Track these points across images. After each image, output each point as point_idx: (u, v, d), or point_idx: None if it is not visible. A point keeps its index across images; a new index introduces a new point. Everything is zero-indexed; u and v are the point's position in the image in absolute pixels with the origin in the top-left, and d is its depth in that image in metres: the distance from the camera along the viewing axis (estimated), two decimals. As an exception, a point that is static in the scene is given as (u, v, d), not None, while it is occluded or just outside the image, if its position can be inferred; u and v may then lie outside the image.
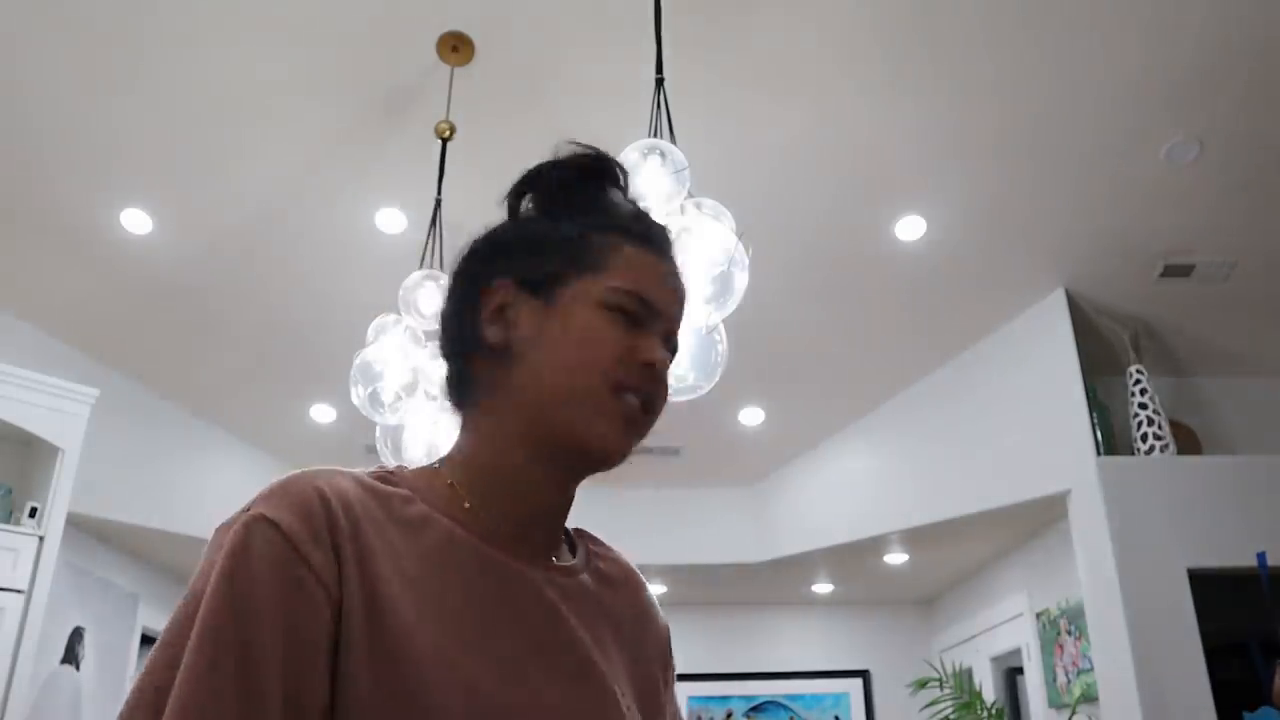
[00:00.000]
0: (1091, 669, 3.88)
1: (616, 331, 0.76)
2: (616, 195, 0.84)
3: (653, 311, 0.79)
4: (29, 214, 3.60)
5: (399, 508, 0.70)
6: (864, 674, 5.97)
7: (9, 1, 2.83)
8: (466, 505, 0.74)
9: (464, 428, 0.80)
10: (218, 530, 0.65)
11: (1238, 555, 3.58)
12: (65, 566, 3.85)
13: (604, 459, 0.76)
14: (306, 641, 0.61)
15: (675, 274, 0.83)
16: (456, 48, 3.00)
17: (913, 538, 4.77)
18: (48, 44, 2.96)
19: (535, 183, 0.84)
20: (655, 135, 2.06)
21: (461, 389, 0.81)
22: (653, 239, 0.83)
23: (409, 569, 0.67)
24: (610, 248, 0.79)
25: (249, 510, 0.64)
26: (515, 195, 0.85)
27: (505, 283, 0.79)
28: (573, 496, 0.80)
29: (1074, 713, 3.96)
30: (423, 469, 0.78)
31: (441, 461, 0.79)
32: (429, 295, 2.57)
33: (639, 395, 0.76)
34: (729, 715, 5.88)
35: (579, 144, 0.84)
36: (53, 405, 3.67)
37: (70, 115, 3.21)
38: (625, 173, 0.86)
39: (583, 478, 0.79)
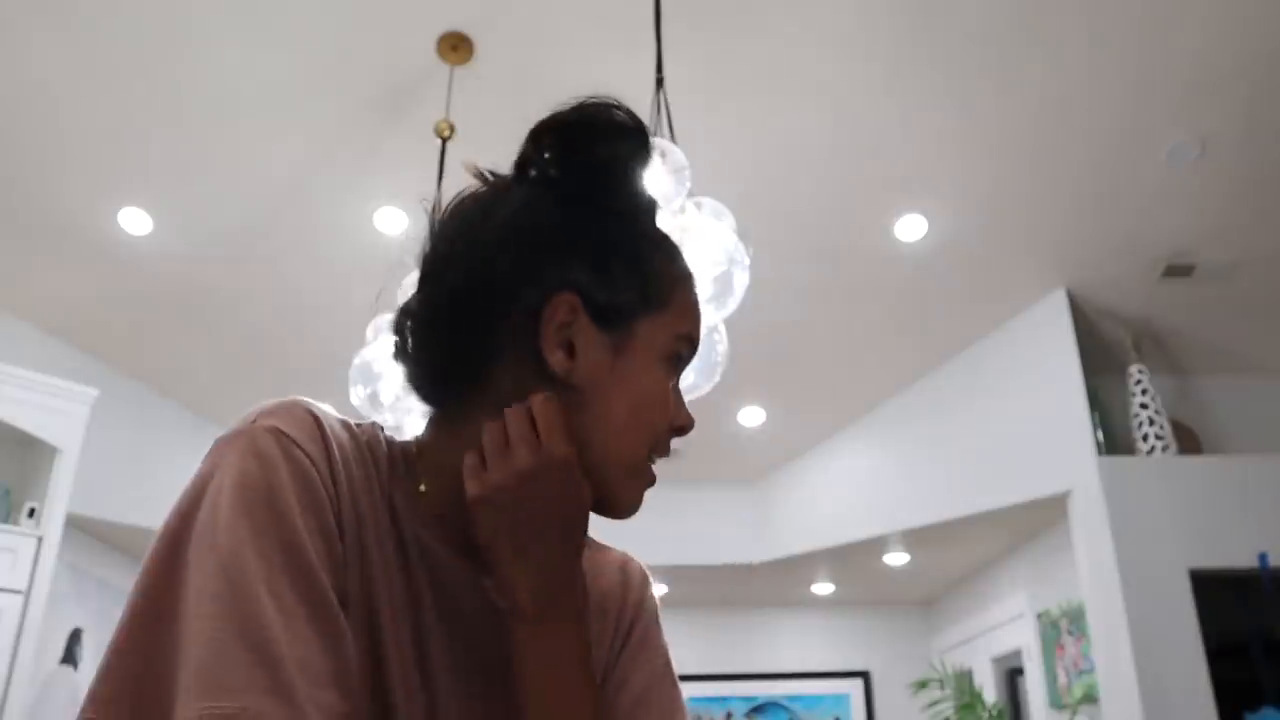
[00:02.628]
0: (1092, 669, 3.88)
1: (668, 391, 0.71)
2: (648, 189, 0.74)
3: (692, 353, 0.74)
4: (29, 214, 3.59)
5: (366, 456, 0.68)
6: (864, 675, 5.97)
7: (9, 2, 2.83)
8: (421, 489, 0.70)
9: (449, 425, 0.71)
10: (218, 442, 0.62)
11: (1239, 555, 3.58)
12: (64, 567, 3.85)
13: (621, 517, 0.73)
14: (333, 541, 0.61)
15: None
16: (456, 48, 2.99)
17: (913, 538, 4.77)
18: (48, 44, 2.96)
19: (568, 152, 0.71)
20: (655, 135, 2.06)
21: (464, 387, 0.70)
22: (686, 260, 0.75)
23: (354, 520, 0.65)
24: (670, 279, 0.71)
25: (254, 422, 0.62)
26: (536, 149, 0.71)
27: (571, 299, 0.67)
28: None
29: (1075, 713, 3.96)
30: (399, 443, 0.73)
31: (415, 442, 0.73)
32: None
33: (661, 456, 0.73)
34: (728, 716, 5.87)
35: (607, 101, 0.71)
36: (52, 405, 3.67)
37: (70, 115, 3.20)
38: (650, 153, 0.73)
39: None
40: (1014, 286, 4.09)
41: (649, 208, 0.74)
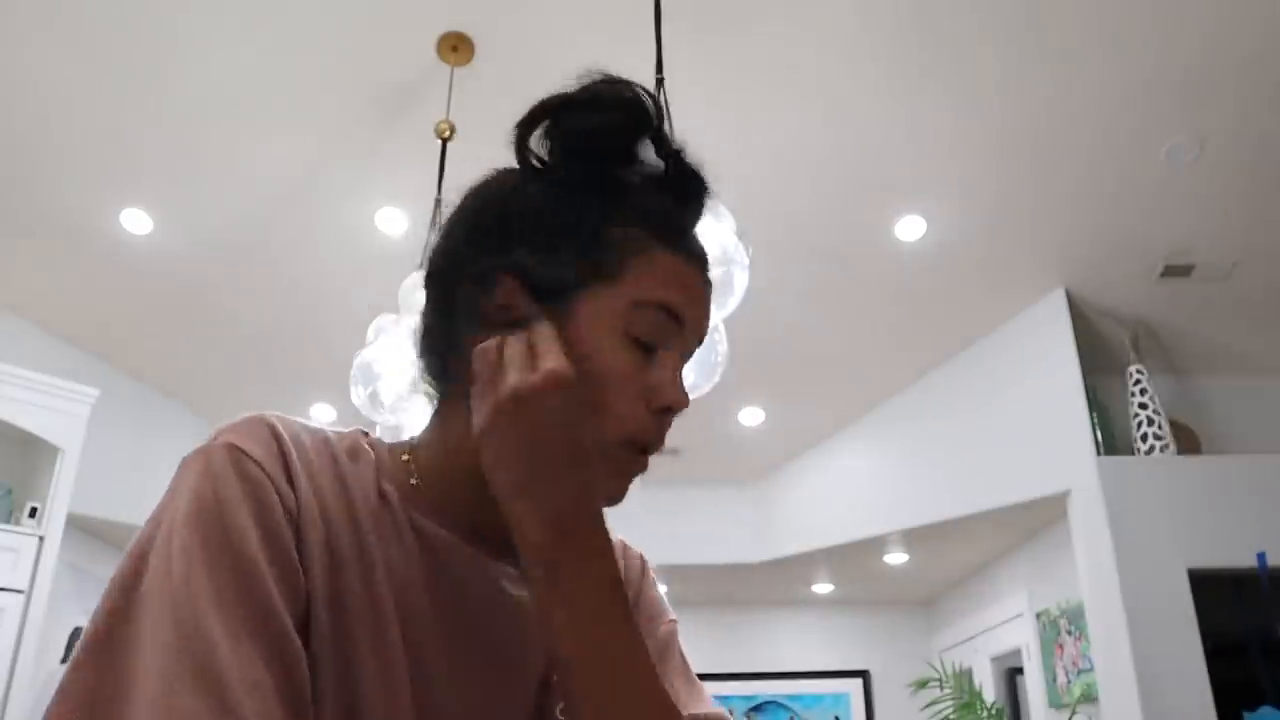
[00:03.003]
0: (1092, 669, 3.88)
1: (636, 366, 0.65)
2: (648, 165, 0.70)
3: (676, 326, 0.68)
4: (30, 214, 3.60)
5: (343, 459, 0.68)
6: (864, 674, 5.97)
7: (10, 2, 2.83)
8: (413, 482, 0.70)
9: (437, 416, 0.73)
10: (181, 461, 0.63)
11: (1238, 555, 3.58)
12: (65, 566, 3.85)
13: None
14: (286, 550, 0.60)
15: (708, 282, 0.71)
16: (456, 48, 3.00)
17: (913, 538, 4.77)
18: (48, 44, 2.96)
19: (555, 126, 0.69)
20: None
21: (444, 375, 0.71)
22: (687, 235, 0.71)
23: (339, 518, 0.64)
24: (633, 248, 0.66)
25: (214, 439, 0.62)
26: (526, 130, 0.70)
27: (509, 278, 0.66)
28: None
29: (1074, 713, 3.96)
30: (393, 444, 0.74)
31: (411, 439, 0.74)
32: (429, 295, 2.57)
33: (651, 446, 0.67)
34: (729, 715, 5.88)
35: (609, 77, 0.69)
36: (53, 405, 3.67)
37: (71, 115, 3.21)
38: (663, 120, 0.70)
39: None
40: (1013, 286, 4.10)
41: (655, 182, 0.70)
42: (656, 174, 0.70)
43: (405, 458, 0.71)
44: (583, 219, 0.67)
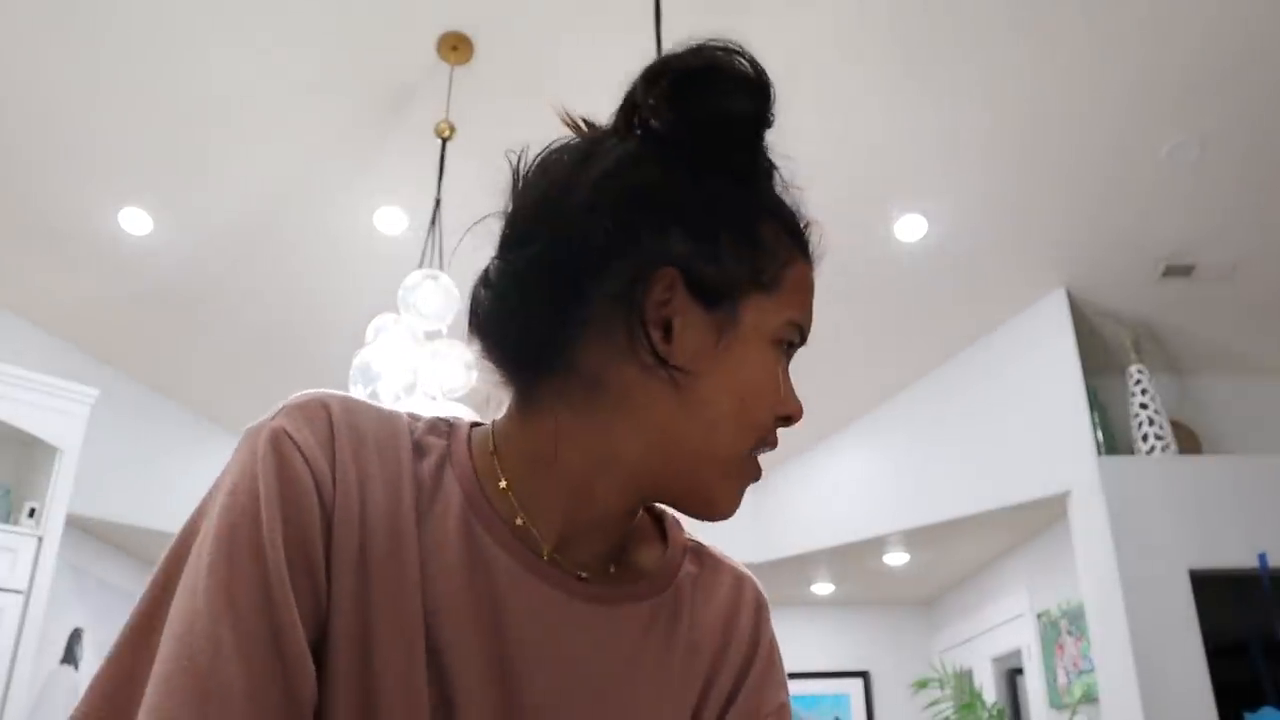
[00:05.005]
0: (1092, 669, 3.88)
1: (777, 378, 0.64)
2: (770, 156, 0.65)
3: (801, 340, 0.67)
4: (30, 214, 3.60)
5: (404, 452, 0.62)
6: (864, 675, 5.97)
7: (10, 2, 2.83)
8: (501, 485, 0.63)
9: (528, 412, 0.64)
10: (244, 434, 0.60)
11: (1238, 555, 3.58)
12: (65, 566, 3.85)
13: (716, 519, 0.66)
14: (310, 548, 0.57)
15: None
16: (456, 47, 2.99)
17: (913, 538, 4.77)
18: (48, 44, 2.96)
19: (684, 97, 0.61)
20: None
21: (544, 369, 0.62)
22: (810, 241, 0.68)
23: (381, 523, 0.60)
24: (785, 257, 0.64)
25: (273, 418, 0.60)
26: (647, 89, 0.62)
27: (670, 273, 0.59)
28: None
29: (1074, 713, 3.96)
30: (475, 433, 0.67)
31: (491, 430, 0.66)
32: (429, 295, 2.57)
33: (769, 448, 0.65)
34: (729, 715, 5.87)
35: (732, 48, 0.63)
36: (53, 405, 3.67)
37: (70, 115, 3.20)
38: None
39: None
40: (1014, 286, 4.09)
41: (768, 173, 0.66)
42: (771, 168, 0.66)
43: (491, 451, 0.64)
44: (740, 214, 0.62)
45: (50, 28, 2.92)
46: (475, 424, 0.68)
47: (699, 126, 0.61)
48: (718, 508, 0.65)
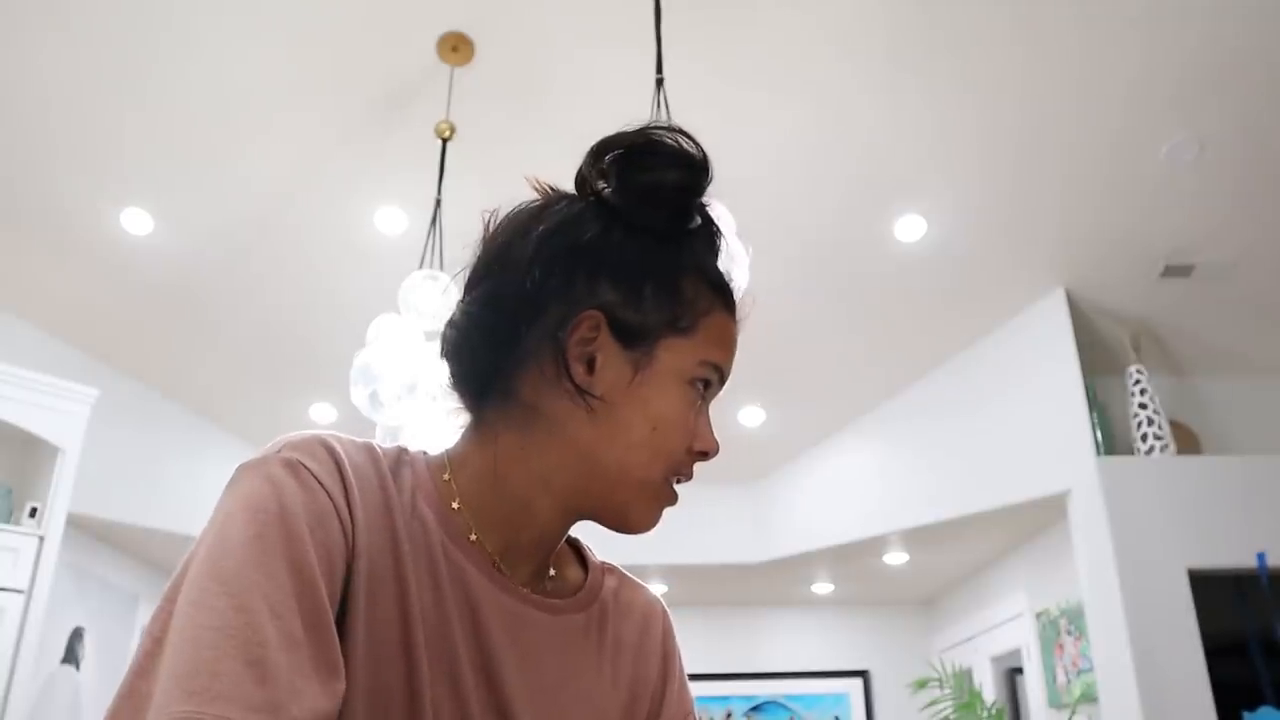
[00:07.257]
0: (1091, 669, 3.88)
1: (691, 415, 0.72)
2: (708, 226, 0.75)
3: (719, 381, 0.74)
4: (29, 214, 3.60)
5: (387, 478, 0.69)
6: (864, 674, 5.97)
7: (10, 2, 2.83)
8: (455, 505, 0.71)
9: (478, 435, 0.73)
10: (238, 468, 0.64)
11: (1238, 555, 3.58)
12: (65, 566, 3.85)
13: (632, 533, 0.74)
14: (336, 564, 0.61)
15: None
16: (456, 48, 3.00)
17: (913, 538, 4.77)
18: (48, 44, 2.96)
19: (627, 169, 0.71)
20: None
21: (491, 397, 0.72)
22: (734, 298, 0.76)
23: (383, 544, 0.66)
24: (705, 307, 0.72)
25: (277, 452, 0.63)
26: (593, 163, 0.72)
27: (595, 315, 0.69)
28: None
29: (1074, 713, 3.96)
30: (431, 458, 0.75)
31: (446, 455, 0.75)
32: (429, 295, 2.58)
33: (683, 479, 0.74)
34: (729, 715, 5.88)
35: (673, 128, 0.72)
36: (53, 405, 3.67)
37: (71, 115, 3.21)
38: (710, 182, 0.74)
39: None
40: (1013, 286, 4.10)
41: (704, 237, 0.74)
42: (705, 231, 0.75)
43: (446, 477, 0.72)
44: (664, 268, 0.71)
45: (51, 27, 2.92)
46: (422, 452, 0.76)
47: (635, 193, 0.71)
48: (633, 524, 0.73)
